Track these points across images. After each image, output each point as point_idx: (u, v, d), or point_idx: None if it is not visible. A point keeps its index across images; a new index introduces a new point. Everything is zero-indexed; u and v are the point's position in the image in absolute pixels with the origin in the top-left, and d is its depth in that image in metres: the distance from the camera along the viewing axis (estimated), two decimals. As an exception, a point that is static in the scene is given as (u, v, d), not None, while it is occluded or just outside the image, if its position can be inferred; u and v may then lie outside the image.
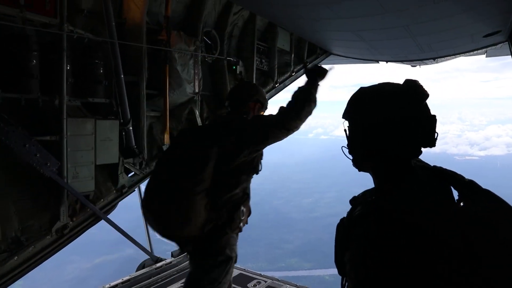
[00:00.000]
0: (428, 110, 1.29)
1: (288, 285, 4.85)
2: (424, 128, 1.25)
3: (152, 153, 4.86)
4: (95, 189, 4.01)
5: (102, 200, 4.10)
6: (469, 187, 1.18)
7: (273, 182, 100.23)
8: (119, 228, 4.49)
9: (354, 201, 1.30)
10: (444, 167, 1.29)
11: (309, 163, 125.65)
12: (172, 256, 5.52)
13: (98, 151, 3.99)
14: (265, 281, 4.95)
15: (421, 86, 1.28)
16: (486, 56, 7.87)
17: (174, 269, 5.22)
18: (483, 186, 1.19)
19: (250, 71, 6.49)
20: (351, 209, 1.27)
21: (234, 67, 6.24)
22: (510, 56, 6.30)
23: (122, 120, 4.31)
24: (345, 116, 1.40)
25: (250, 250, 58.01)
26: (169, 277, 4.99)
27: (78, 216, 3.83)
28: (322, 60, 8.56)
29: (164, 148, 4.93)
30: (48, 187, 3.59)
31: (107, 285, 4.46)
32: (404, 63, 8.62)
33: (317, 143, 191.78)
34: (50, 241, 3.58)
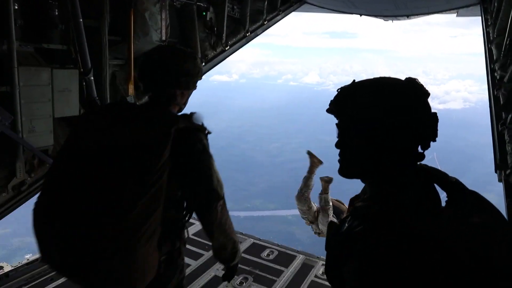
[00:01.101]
0: (430, 108, 1.22)
1: (252, 239, 5.01)
2: (426, 128, 1.19)
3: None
4: (54, 143, 3.80)
5: (62, 154, 3.92)
6: (455, 187, 1.18)
7: (240, 126, 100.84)
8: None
9: (355, 211, 1.21)
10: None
11: (277, 109, 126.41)
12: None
13: (56, 103, 3.73)
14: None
15: (422, 85, 1.23)
16: (457, 16, 7.93)
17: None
18: (440, 138, 1.22)
19: (221, 18, 6.13)
20: (350, 221, 1.20)
21: (204, 13, 5.86)
22: (480, 17, 6.39)
23: (82, 69, 4.01)
24: (336, 111, 1.28)
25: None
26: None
27: (37, 172, 3.67)
28: (295, 9, 8.25)
29: (129, 99, 4.70)
30: (1, 143, 3.37)
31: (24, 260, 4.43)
32: (377, 18, 8.52)
33: (286, 89, 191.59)
34: (6, 198, 3.44)
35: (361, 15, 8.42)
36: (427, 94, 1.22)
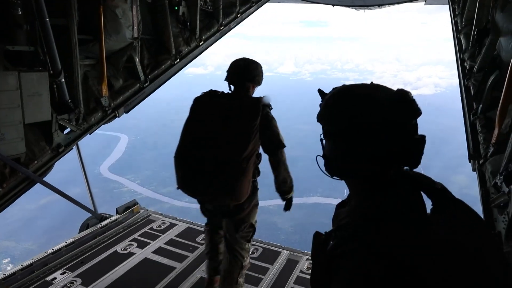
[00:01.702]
0: (417, 128, 1.16)
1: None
2: (413, 149, 1.14)
3: (89, 106, 4.48)
4: (26, 150, 3.66)
5: (35, 161, 3.78)
6: (441, 195, 1.17)
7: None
8: (57, 189, 4.26)
9: (338, 229, 1.19)
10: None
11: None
12: (117, 212, 5.40)
13: (26, 108, 3.57)
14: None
15: (414, 101, 1.15)
16: (425, 4, 8.12)
17: (120, 226, 5.13)
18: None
19: (194, 12, 6.00)
20: (335, 236, 1.18)
21: (176, 8, 5.72)
22: (448, 5, 6.55)
23: (51, 71, 3.85)
24: (323, 119, 1.24)
25: (199, 186, 59.28)
26: (115, 235, 4.90)
27: (9, 181, 3.53)
28: (268, 0, 8.19)
29: (103, 101, 4.57)
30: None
31: (50, 250, 4.31)
32: (349, 7, 8.58)
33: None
34: (-22, 211, 3.30)
35: (333, 5, 8.45)
36: (417, 112, 1.15)
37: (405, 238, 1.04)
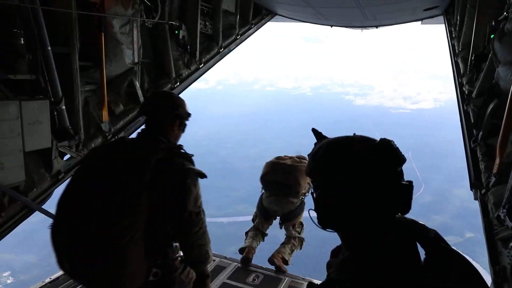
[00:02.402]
0: (403, 175, 1.19)
1: (236, 263, 4.94)
2: (401, 195, 1.16)
3: (90, 132, 4.50)
4: (26, 178, 3.64)
5: (35, 189, 3.77)
6: (434, 245, 1.17)
7: (219, 133, 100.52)
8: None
9: (328, 283, 1.21)
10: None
11: (255, 114, 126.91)
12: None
13: (26, 136, 3.57)
14: (214, 260, 4.97)
15: (398, 149, 1.18)
16: (422, 24, 8.26)
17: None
18: (414, 136, 1.19)
19: (194, 36, 6.08)
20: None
21: (176, 32, 5.80)
22: (444, 27, 6.66)
23: (52, 99, 3.87)
24: (312, 173, 1.27)
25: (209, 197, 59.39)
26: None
27: (7, 211, 3.50)
28: (267, 21, 8.31)
29: (103, 126, 4.58)
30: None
31: (48, 279, 4.24)
32: (347, 28, 8.71)
33: (262, 94, 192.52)
34: (-23, 242, 3.26)
35: (331, 26, 8.58)
36: (401, 160, 1.17)
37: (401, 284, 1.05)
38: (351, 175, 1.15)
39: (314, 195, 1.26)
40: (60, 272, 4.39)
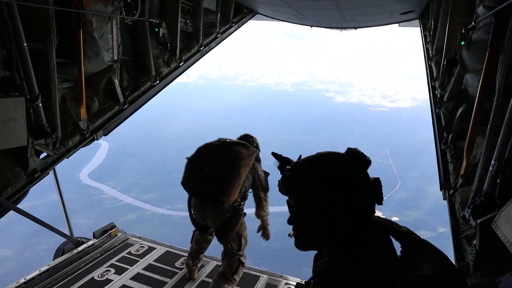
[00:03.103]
0: (368, 177, 1.28)
1: (215, 261, 4.98)
2: (374, 191, 1.25)
3: (67, 129, 4.42)
4: (0, 177, 3.57)
5: (9, 188, 3.69)
6: (407, 237, 1.28)
7: (201, 127, 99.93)
8: (31, 215, 4.16)
9: (316, 276, 1.29)
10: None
11: (236, 109, 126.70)
12: (94, 236, 5.28)
13: (0, 134, 3.50)
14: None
15: (363, 154, 1.28)
16: (399, 26, 8.49)
17: (97, 250, 5.01)
18: (392, 134, 1.28)
19: (174, 33, 6.04)
20: (313, 283, 1.28)
21: (156, 29, 5.75)
22: (420, 29, 6.89)
23: (28, 96, 3.79)
24: (287, 191, 1.30)
25: (180, 192, 58.59)
26: (92, 261, 4.79)
27: (-19, 210, 3.43)
28: (248, 20, 8.33)
29: (81, 124, 4.52)
30: None
31: (22, 280, 4.17)
32: (327, 28, 8.85)
33: (244, 89, 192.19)
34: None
35: (311, 26, 8.69)
36: (368, 163, 1.27)
37: (380, 277, 1.13)
38: (327, 188, 1.21)
39: (290, 215, 1.32)
40: (36, 272, 4.33)
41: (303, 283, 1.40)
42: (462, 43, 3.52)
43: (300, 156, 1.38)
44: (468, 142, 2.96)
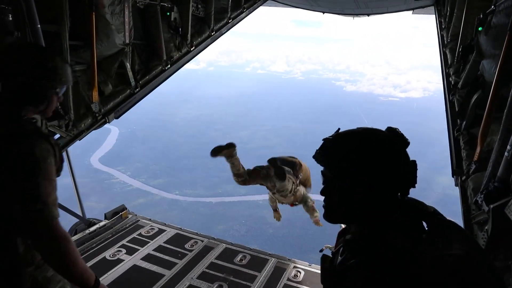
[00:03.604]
0: (408, 157, 1.28)
1: (224, 244, 5.05)
2: (409, 172, 1.26)
3: (80, 112, 4.48)
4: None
5: (24, 168, 3.76)
6: (434, 218, 1.27)
7: (209, 115, 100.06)
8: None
9: (346, 244, 1.30)
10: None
11: (246, 97, 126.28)
12: (105, 218, 5.39)
13: (15, 115, 3.55)
14: (202, 241, 5.08)
15: (403, 135, 1.29)
16: (413, 13, 8.31)
17: (108, 231, 5.12)
18: (402, 124, 1.30)
19: (185, 18, 6.02)
20: (343, 254, 1.28)
21: (168, 13, 5.74)
22: (435, 17, 6.73)
23: (42, 78, 3.83)
24: (321, 160, 1.30)
25: (188, 177, 59.29)
26: (104, 241, 4.89)
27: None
28: (259, 5, 8.25)
29: (93, 107, 4.56)
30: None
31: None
32: (339, 15, 8.73)
33: (254, 77, 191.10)
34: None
35: (323, 13, 8.58)
36: (407, 143, 1.28)
37: (409, 251, 1.14)
38: (367, 162, 1.21)
39: (324, 185, 1.31)
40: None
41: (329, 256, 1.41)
42: (480, 28, 3.44)
43: (339, 129, 1.36)
44: (483, 128, 2.92)
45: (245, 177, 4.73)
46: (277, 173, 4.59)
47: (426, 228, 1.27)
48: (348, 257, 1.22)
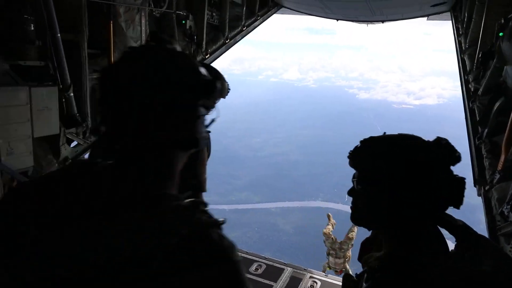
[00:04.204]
0: (451, 173, 1.18)
1: (239, 252, 4.99)
2: (454, 191, 1.16)
3: (97, 120, 4.52)
4: (34, 164, 3.69)
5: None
6: (463, 232, 1.19)
7: (221, 122, 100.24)
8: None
9: (372, 272, 1.23)
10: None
11: (258, 105, 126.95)
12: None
13: (35, 122, 3.62)
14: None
15: (454, 147, 1.18)
16: (427, 20, 8.23)
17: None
18: (416, 132, 1.21)
19: (200, 26, 6.07)
20: (367, 279, 1.23)
21: (183, 21, 5.79)
22: (451, 24, 6.65)
23: (61, 86, 3.90)
24: (354, 164, 1.25)
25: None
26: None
27: (17, 195, 3.56)
28: (273, 13, 8.29)
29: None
30: (-21, 167, 3.25)
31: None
32: (353, 22, 8.70)
33: (266, 85, 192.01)
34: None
35: (337, 20, 8.58)
36: (455, 159, 1.17)
37: (438, 268, 1.08)
38: (406, 171, 1.13)
39: (356, 188, 1.25)
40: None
41: (353, 275, 1.35)
42: (501, 34, 3.37)
43: (384, 133, 1.29)
44: (507, 136, 2.84)
45: None
46: None
47: (455, 242, 1.20)
48: (376, 285, 1.16)
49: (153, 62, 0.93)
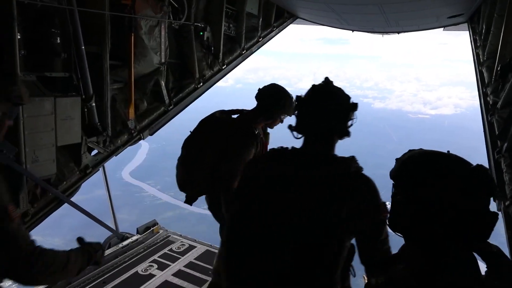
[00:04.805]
0: (487, 205, 1.19)
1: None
2: (485, 224, 1.15)
3: (116, 128, 4.65)
4: (57, 171, 3.82)
5: (64, 182, 3.94)
6: (497, 259, 1.18)
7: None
8: (82, 209, 4.38)
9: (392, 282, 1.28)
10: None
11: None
12: (137, 232, 5.51)
13: (59, 131, 3.75)
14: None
15: (492, 179, 1.20)
16: (444, 30, 8.15)
17: (140, 246, 5.22)
18: (432, 142, 1.22)
19: (217, 37, 6.17)
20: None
21: (201, 33, 5.91)
22: (468, 36, 6.57)
23: (84, 96, 4.04)
24: (400, 183, 1.29)
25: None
26: (136, 255, 4.99)
27: (39, 202, 3.68)
28: (289, 24, 8.37)
29: (130, 123, 4.73)
30: (5, 174, 3.37)
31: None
32: (369, 33, 8.70)
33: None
34: (10, 231, 3.43)
35: (353, 31, 8.59)
36: (491, 190, 1.18)
37: None
38: (442, 193, 1.16)
39: (394, 199, 1.29)
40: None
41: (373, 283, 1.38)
42: (520, 47, 3.35)
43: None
44: (526, 151, 2.81)
45: None
46: None
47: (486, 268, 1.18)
48: None
49: (330, 95, 2.02)
